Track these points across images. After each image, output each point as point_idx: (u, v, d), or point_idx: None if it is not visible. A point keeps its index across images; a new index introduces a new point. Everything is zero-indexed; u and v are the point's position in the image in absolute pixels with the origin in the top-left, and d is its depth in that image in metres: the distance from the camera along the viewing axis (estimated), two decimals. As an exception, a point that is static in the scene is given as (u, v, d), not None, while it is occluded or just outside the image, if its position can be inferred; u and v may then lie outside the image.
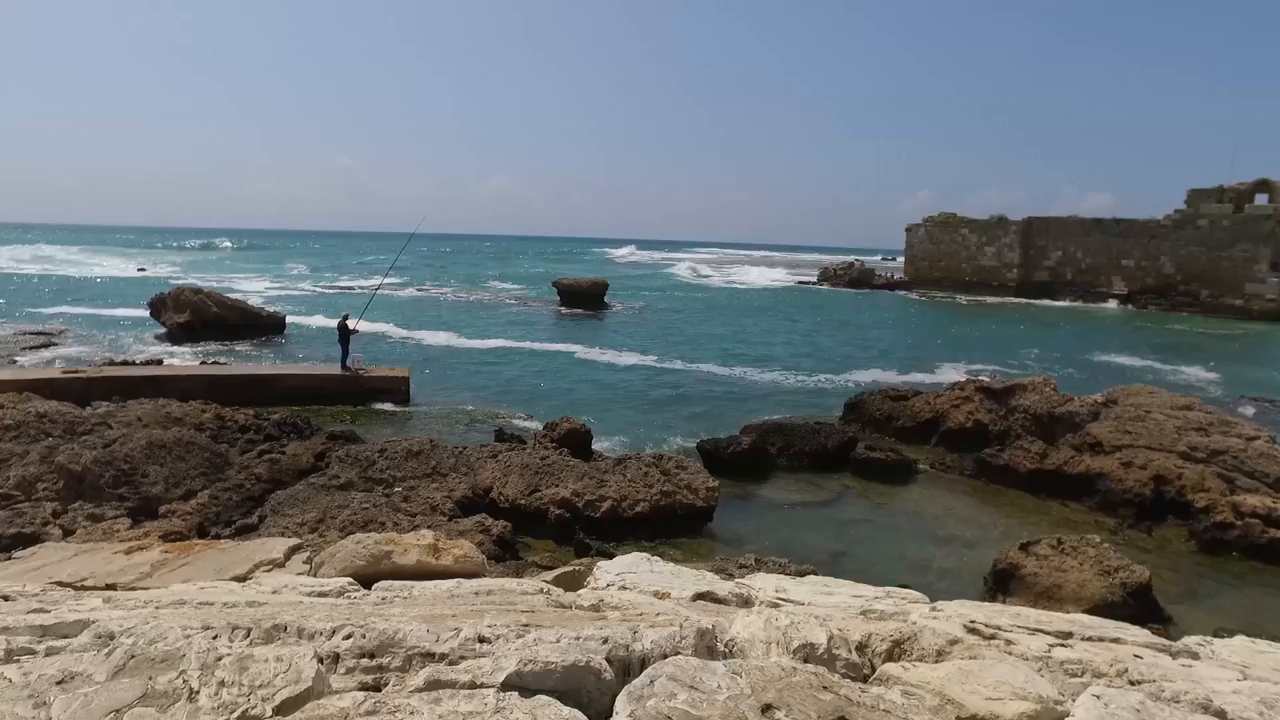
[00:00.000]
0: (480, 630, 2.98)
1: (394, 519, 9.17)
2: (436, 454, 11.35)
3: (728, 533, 11.01)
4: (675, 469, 11.30)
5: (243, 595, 4.99)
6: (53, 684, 2.20)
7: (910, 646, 3.41)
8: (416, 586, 5.28)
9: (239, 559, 7.64)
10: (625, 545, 9.88)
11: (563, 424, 13.24)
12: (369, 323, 24.55)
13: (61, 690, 2.18)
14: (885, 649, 3.42)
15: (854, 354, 28.73)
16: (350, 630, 2.90)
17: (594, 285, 43.39)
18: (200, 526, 9.64)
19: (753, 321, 39.79)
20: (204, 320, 26.86)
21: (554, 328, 34.77)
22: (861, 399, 17.25)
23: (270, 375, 18.05)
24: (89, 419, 12.87)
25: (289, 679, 2.42)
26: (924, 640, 3.43)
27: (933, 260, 63.65)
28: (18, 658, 2.75)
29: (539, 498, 10.38)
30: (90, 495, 10.22)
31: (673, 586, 5.19)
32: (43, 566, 7.48)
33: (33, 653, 2.94)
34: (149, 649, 2.49)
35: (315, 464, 11.59)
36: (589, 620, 3.58)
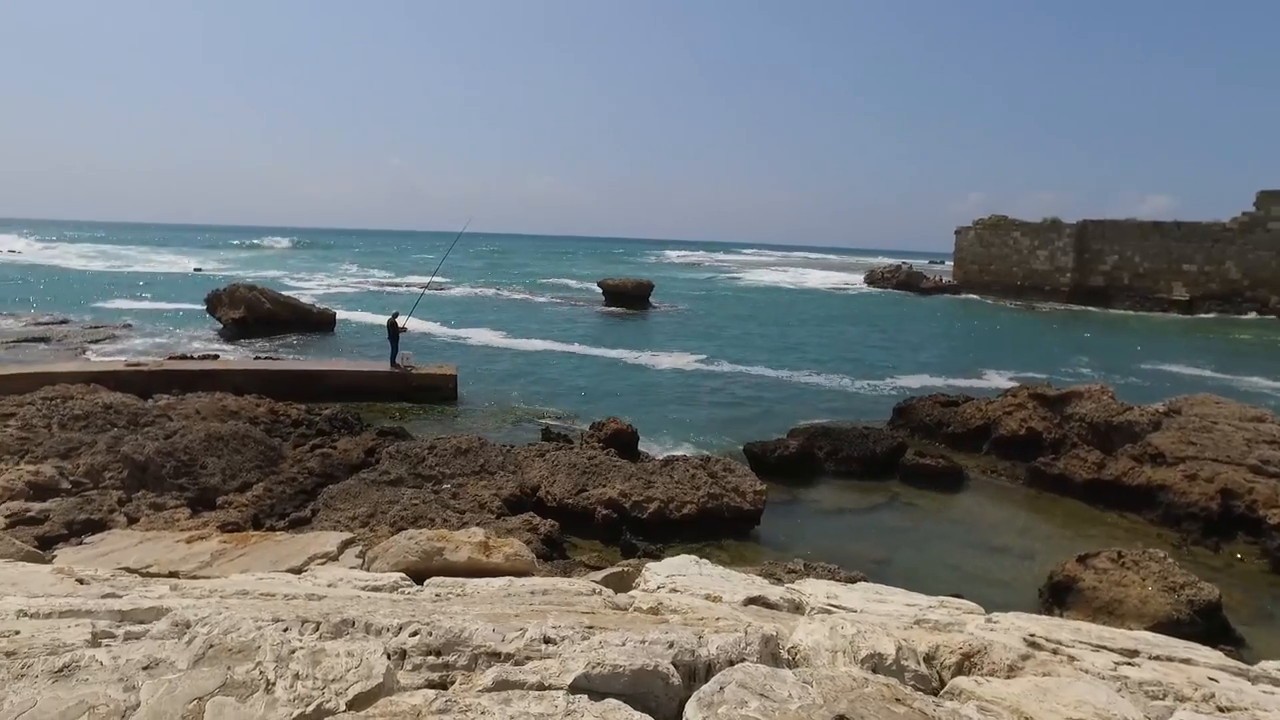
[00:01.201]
0: (545, 631, 2.98)
1: (443, 516, 9.25)
2: (485, 452, 11.44)
3: (775, 537, 10.91)
4: (723, 471, 11.23)
5: (300, 588, 5.07)
6: (139, 669, 2.25)
7: (981, 660, 3.32)
8: (469, 584, 5.32)
9: (294, 551, 7.78)
10: (672, 547, 9.85)
11: (609, 424, 13.25)
12: (418, 320, 24.88)
13: (148, 676, 2.22)
14: (954, 662, 3.33)
15: (901, 358, 28.31)
16: (416, 628, 2.91)
17: (639, 286, 43.43)
18: (255, 518, 9.83)
19: (798, 323, 39.45)
20: (257, 316, 27.50)
21: (599, 328, 34.84)
22: (910, 404, 16.97)
23: (321, 371, 18.38)
24: (151, 411, 13.25)
25: (360, 674, 2.43)
26: (995, 654, 3.34)
27: (983, 264, 62.44)
28: (102, 641, 2.82)
29: (586, 497, 10.39)
30: (152, 485, 10.51)
31: (723, 590, 5.15)
32: (111, 552, 7.70)
33: (113, 636, 3.01)
34: (225, 639, 2.52)
35: (366, 459, 11.77)
36: (651, 623, 3.56)
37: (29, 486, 9.74)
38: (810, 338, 33.55)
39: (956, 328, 41.47)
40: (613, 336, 31.29)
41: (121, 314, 33.22)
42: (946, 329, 40.62)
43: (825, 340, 32.95)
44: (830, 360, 27.00)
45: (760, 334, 34.11)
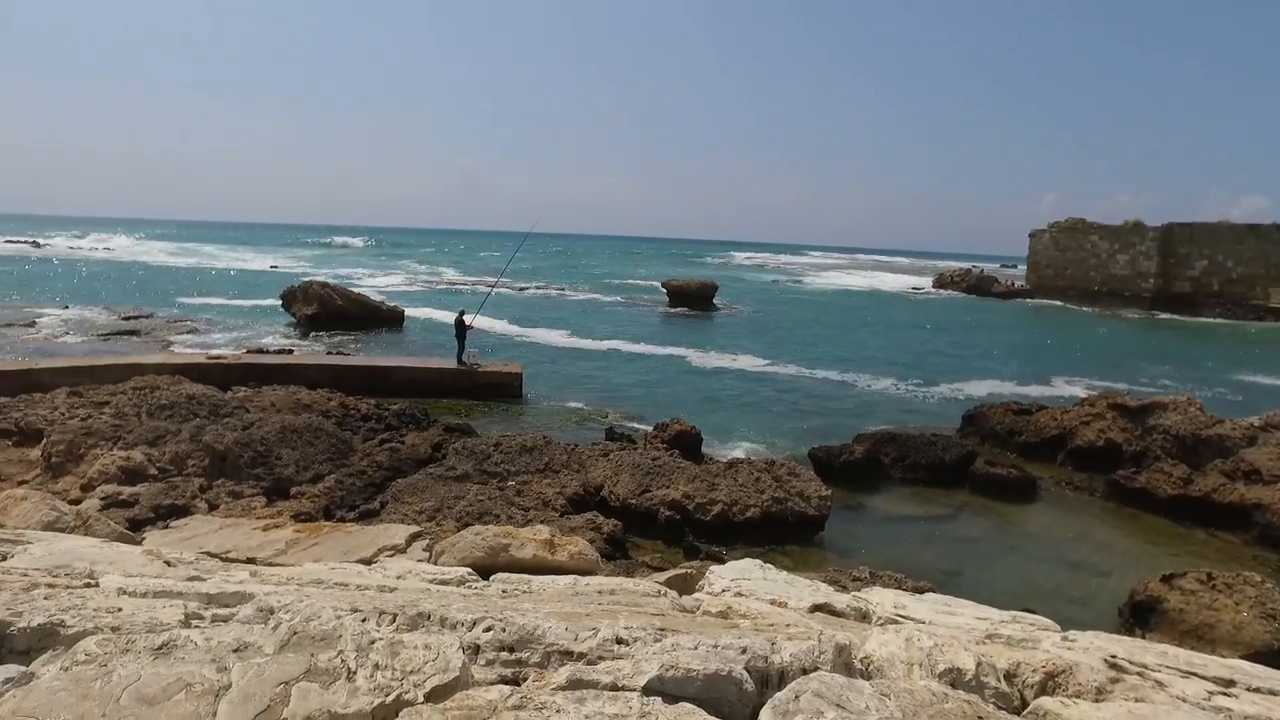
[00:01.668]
0: (618, 632, 2.97)
1: (508, 512, 9.36)
2: (549, 450, 11.54)
3: (839, 543, 10.73)
4: (787, 475, 11.09)
5: (371, 579, 5.18)
6: (230, 651, 2.32)
7: (1066, 681, 3.18)
8: (534, 580, 5.36)
9: (364, 542, 7.96)
10: (734, 550, 9.78)
11: (673, 425, 13.23)
12: (485, 318, 25.25)
13: (238, 658, 2.29)
14: (1037, 681, 3.21)
15: (970, 364, 27.57)
16: (490, 623, 2.94)
17: (703, 287, 43.28)
18: (327, 509, 10.10)
19: (865, 327, 38.80)
20: (330, 312, 28.32)
21: (663, 329, 34.86)
22: (981, 411, 16.50)
23: (390, 367, 18.79)
24: (230, 402, 13.76)
25: (438, 667, 2.46)
26: (1081, 675, 3.20)
27: (1058, 268, 60.40)
28: (193, 622, 2.92)
29: (649, 498, 10.39)
30: (231, 473, 10.90)
31: (788, 596, 5.08)
32: (193, 537, 8.01)
33: (201, 618, 3.12)
34: (307, 627, 2.58)
35: (433, 454, 11.99)
36: (721, 627, 3.52)
37: (121, 471, 10.22)
38: (876, 342, 32.95)
39: (1028, 334, 40.20)
40: (677, 337, 31.25)
41: (203, 308, 34.63)
42: (1017, 335, 39.41)
43: (892, 345, 32.32)
44: (897, 365, 26.46)
45: (825, 337, 33.64)
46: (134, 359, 18.25)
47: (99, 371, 16.18)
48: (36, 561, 4.79)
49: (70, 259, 65.58)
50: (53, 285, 42.05)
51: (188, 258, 74.02)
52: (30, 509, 7.33)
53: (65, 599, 2.88)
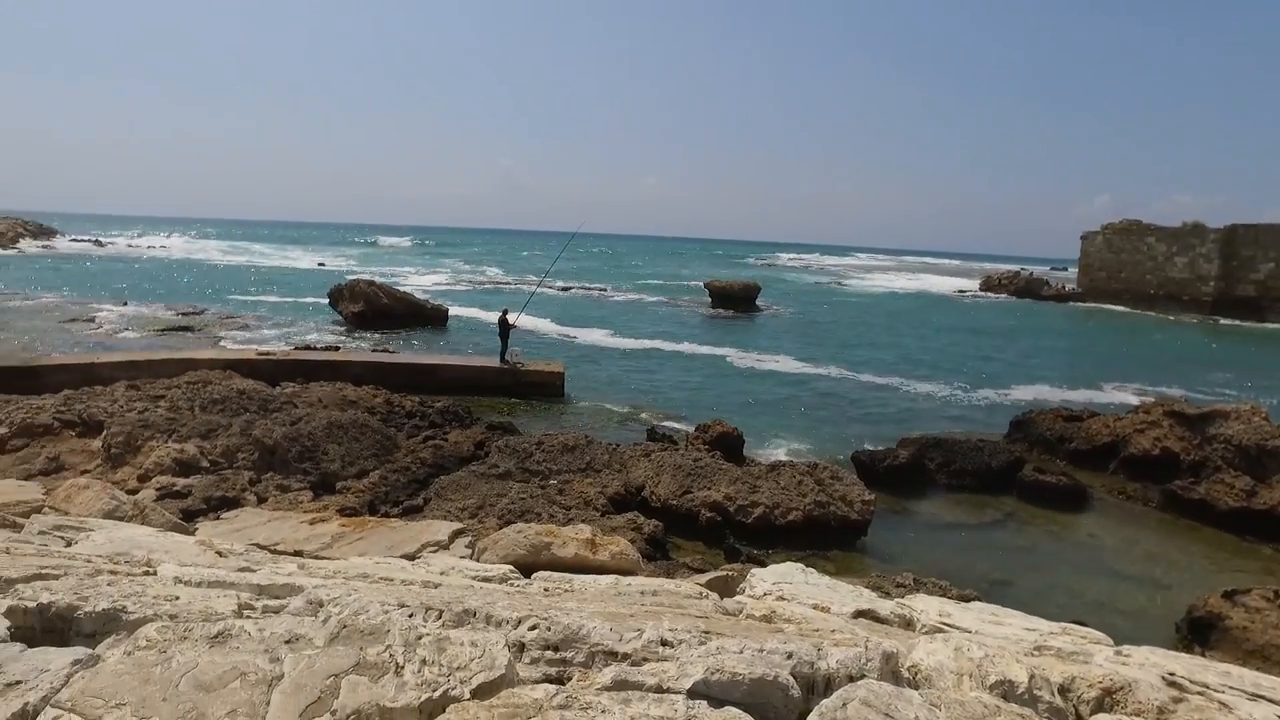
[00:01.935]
0: (662, 633, 2.96)
1: (549, 511, 9.40)
2: (591, 450, 11.58)
3: (882, 549, 10.59)
4: (830, 479, 10.98)
5: (415, 574, 5.24)
6: (282, 642, 2.35)
7: (1124, 698, 3.09)
8: (576, 579, 5.37)
9: (407, 538, 8.07)
10: (775, 553, 9.72)
11: (715, 426, 13.18)
12: (529, 318, 25.43)
13: (290, 649, 2.33)
14: (1094, 697, 3.12)
15: (1017, 368, 26.98)
16: (535, 622, 2.94)
17: (745, 288, 43.07)
18: (371, 504, 10.25)
19: (909, 329, 38.21)
20: (375, 310, 28.77)
21: (706, 329, 34.76)
22: (1029, 417, 16.14)
23: (434, 365, 19.01)
24: (279, 398, 14.04)
25: (484, 664, 2.47)
26: (1141, 693, 3.10)
27: (1111, 271, 58.77)
28: (245, 612, 2.98)
29: (691, 499, 10.36)
30: (279, 467, 11.13)
31: (831, 601, 5.01)
32: (243, 528, 8.21)
33: (253, 608, 3.19)
34: (356, 620, 2.61)
35: (475, 452, 12.09)
36: (766, 631, 3.49)
37: (175, 463, 10.50)
38: (921, 344, 32.44)
39: (1078, 338, 39.23)
40: (719, 338, 31.13)
41: (253, 305, 35.46)
42: (1067, 339, 38.47)
43: (937, 347, 31.80)
44: (941, 368, 26.03)
45: (869, 340, 33.23)
46: (188, 354, 18.75)
47: (155, 366, 16.65)
48: (98, 548, 4.94)
49: (128, 257, 67.75)
50: (112, 282, 43.46)
51: (238, 256, 76.01)
52: (92, 498, 7.57)
53: (126, 586, 2.96)
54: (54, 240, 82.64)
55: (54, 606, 2.59)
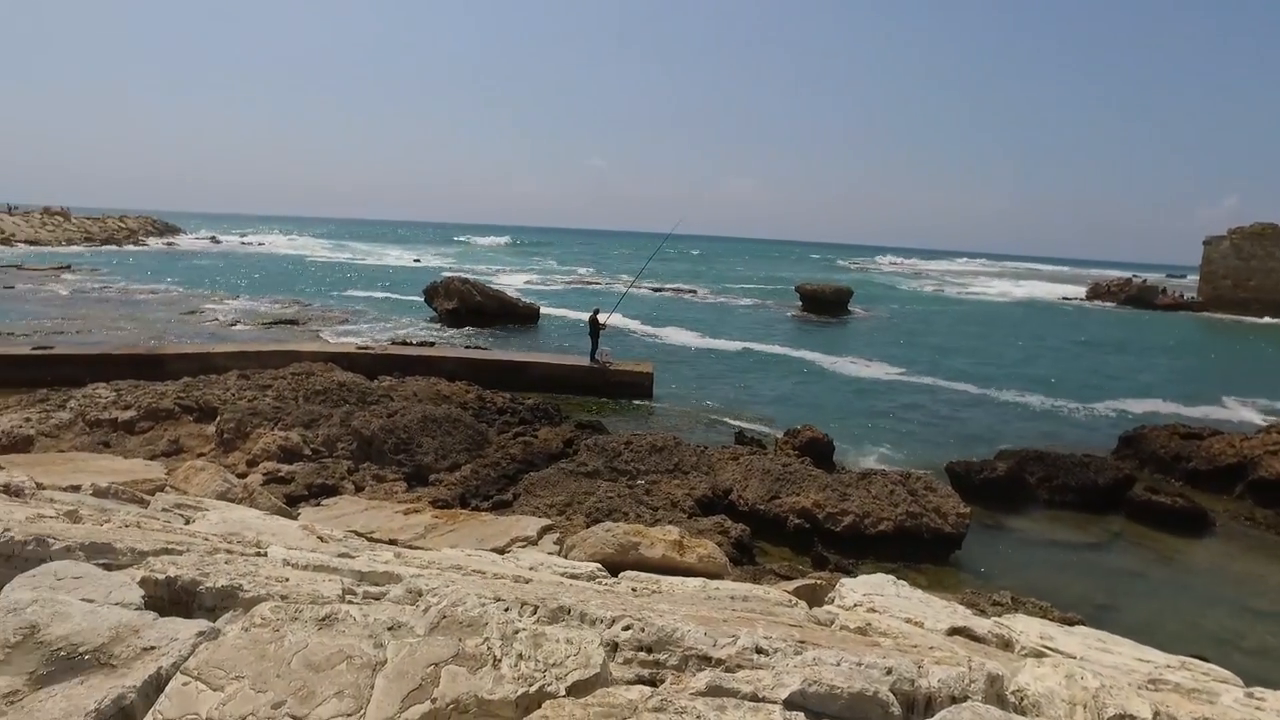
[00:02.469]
0: (757, 640, 2.90)
1: (636, 511, 9.42)
2: (679, 451, 11.55)
3: (977, 564, 10.18)
4: (923, 490, 10.64)
5: (505, 568, 5.32)
6: (385, 629, 2.41)
7: (1260, 741, 2.86)
8: (663, 581, 5.35)
9: (497, 532, 8.23)
10: (865, 564, 9.49)
11: (804, 432, 12.96)
12: (619, 318, 25.58)
13: (392, 636, 2.38)
14: (1225, 738, 2.89)
15: (1126, 381, 25.52)
16: (629, 622, 2.93)
17: (837, 292, 42.26)
18: (462, 497, 10.50)
19: (1009, 338, 36.66)
20: (469, 307, 29.51)
21: (796, 333, 34.27)
22: (1141, 433, 15.24)
23: (524, 362, 19.33)
24: (376, 391, 14.55)
25: (579, 662, 2.47)
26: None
27: (1239, 279, 54.86)
28: (348, 597, 3.08)
29: (779, 505, 10.21)
30: (376, 458, 11.53)
31: (924, 616, 4.84)
32: (342, 515, 8.54)
33: (354, 594, 3.29)
34: (454, 611, 2.65)
35: (564, 450, 12.24)
36: (862, 644, 3.39)
37: (280, 450, 11.01)
38: (1022, 354, 31.10)
39: (1195, 350, 36.81)
40: (809, 342, 30.61)
41: (352, 301, 36.95)
42: (1183, 350, 36.13)
43: (1038, 357, 30.42)
44: (1043, 380, 24.87)
45: (966, 347, 32.03)
46: (292, 347, 19.65)
47: (263, 357, 17.52)
48: (213, 527, 5.21)
49: (240, 254, 71.68)
50: (226, 277, 46.10)
51: (339, 253, 79.46)
52: (207, 479, 8.01)
53: (241, 565, 3.10)
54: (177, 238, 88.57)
55: (179, 580, 2.73)
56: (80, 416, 12.26)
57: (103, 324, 25.67)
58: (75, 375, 15.14)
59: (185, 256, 63.21)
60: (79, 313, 27.94)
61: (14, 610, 2.25)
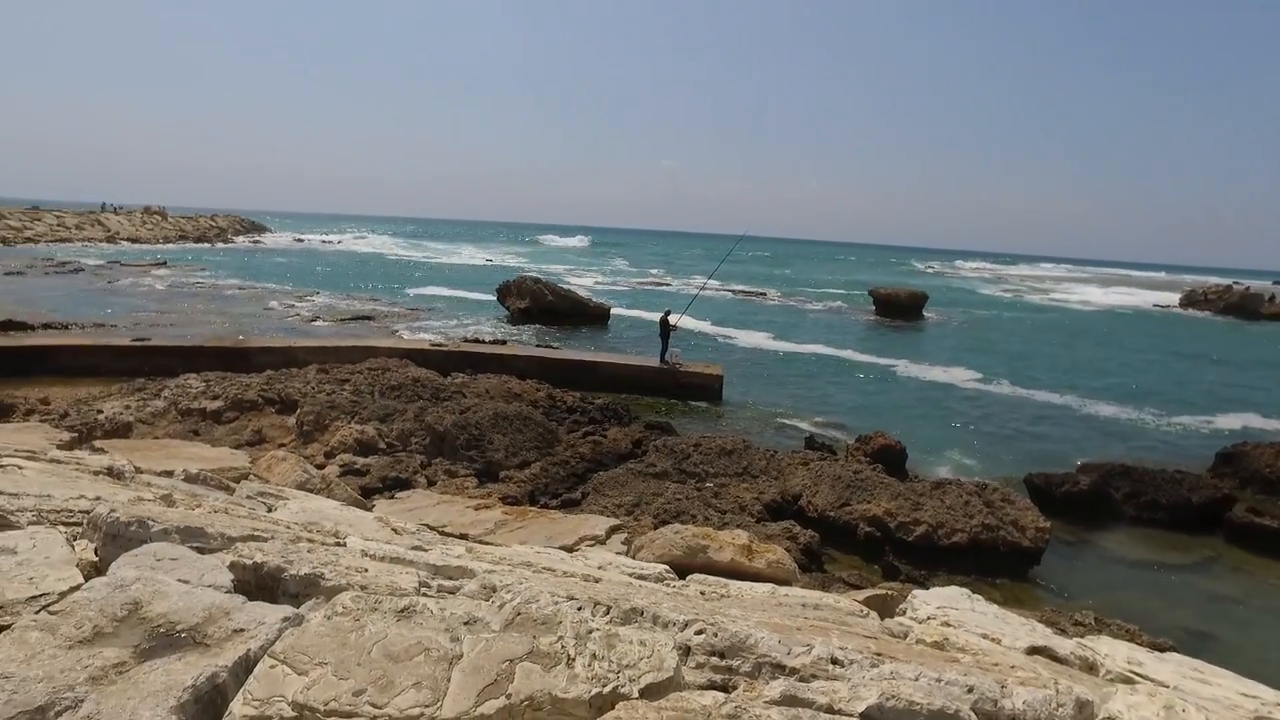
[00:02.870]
0: (832, 651, 2.84)
1: (704, 514, 9.37)
2: (748, 455, 11.46)
3: (1057, 581, 9.79)
4: (1000, 502, 10.29)
5: (574, 566, 5.34)
6: (461, 623, 2.44)
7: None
8: (731, 585, 5.30)
9: (566, 530, 8.29)
10: (937, 576, 9.23)
11: (876, 438, 12.69)
12: (690, 319, 25.51)
13: (468, 631, 2.41)
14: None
15: (1223, 394, 24.16)
16: (702, 626, 2.91)
17: (912, 296, 41.28)
18: (532, 494, 10.62)
19: (1094, 346, 35.15)
20: (541, 306, 29.89)
21: (869, 337, 33.59)
22: (1242, 450, 14.39)
23: (595, 362, 19.45)
24: (449, 387, 14.86)
25: (653, 665, 2.46)
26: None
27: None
28: (423, 590, 3.13)
29: (849, 512, 10.02)
30: (448, 453, 11.76)
31: (1001, 632, 4.67)
32: (415, 509, 8.73)
33: (429, 586, 3.35)
34: (529, 609, 2.67)
35: (633, 450, 12.27)
36: (940, 659, 3.28)
37: (356, 443, 11.33)
38: (1106, 363, 29.78)
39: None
40: (883, 347, 29.94)
41: (426, 299, 37.83)
42: (1287, 363, 34.06)
43: (1125, 367, 29.08)
44: (1130, 390, 23.78)
45: (1048, 355, 30.85)
46: (369, 342, 20.21)
47: (341, 352, 18.08)
48: (294, 516, 5.38)
49: (321, 252, 74.22)
50: (307, 274, 47.82)
51: (415, 252, 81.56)
52: (288, 469, 8.29)
53: (323, 554, 3.19)
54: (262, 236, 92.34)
55: (265, 566, 2.82)
56: (173, 405, 12.86)
57: (194, 317, 26.90)
58: (170, 366, 15.92)
59: (270, 254, 65.80)
60: (173, 306, 29.35)
61: (121, 587, 2.35)
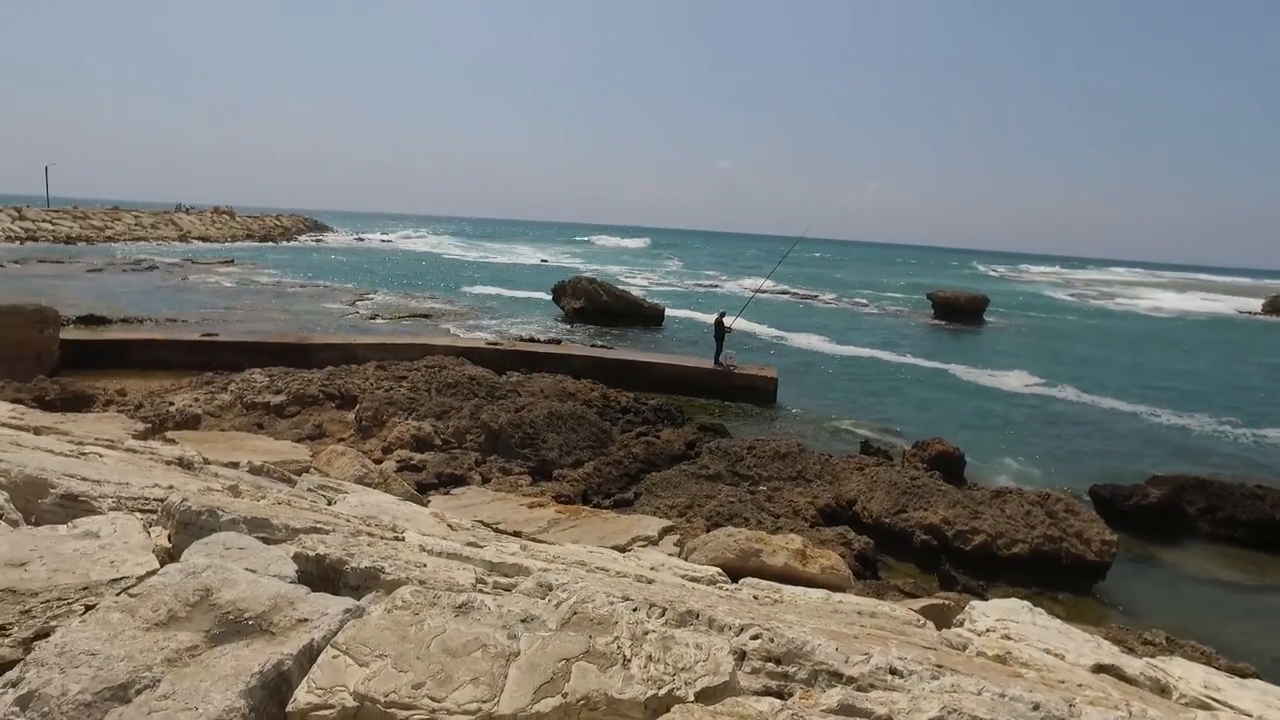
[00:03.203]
0: (891, 660, 2.78)
1: (757, 517, 9.30)
2: (803, 458, 11.33)
3: (1123, 598, 9.45)
4: (1064, 512, 9.98)
5: (627, 566, 5.34)
6: (518, 620, 2.46)
7: None
8: (785, 590, 5.24)
9: (619, 530, 8.30)
10: (995, 587, 9.00)
11: (934, 444, 12.43)
12: (744, 321, 25.33)
13: (525, 628, 2.42)
14: None
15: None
16: (758, 631, 2.87)
17: (973, 300, 40.33)
18: (584, 494, 10.67)
19: (1167, 354, 33.79)
20: (595, 307, 30.03)
21: (927, 341, 32.90)
22: (1327, 466, 13.73)
23: (649, 363, 19.44)
24: (504, 385, 15.03)
25: (709, 668, 2.44)
26: None
27: None
28: (480, 587, 3.16)
29: (905, 519, 9.83)
30: (503, 451, 11.89)
31: (1065, 648, 4.51)
32: (469, 505, 8.83)
33: (485, 583, 3.38)
34: (585, 608, 2.67)
35: (686, 451, 12.24)
36: (1003, 674, 3.19)
37: (413, 439, 11.53)
38: (1179, 372, 28.62)
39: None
40: (942, 351, 29.33)
41: (483, 297, 38.37)
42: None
43: (1200, 375, 27.91)
44: (1204, 399, 22.82)
45: (1117, 362, 29.79)
46: (426, 340, 20.56)
47: (399, 349, 18.42)
48: (353, 510, 5.50)
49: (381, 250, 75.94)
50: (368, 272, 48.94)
51: (471, 251, 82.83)
52: (347, 464, 8.48)
53: (382, 548, 3.24)
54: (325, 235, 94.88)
55: (328, 558, 2.88)
56: (239, 399, 13.28)
57: (259, 314, 27.75)
58: (236, 360, 16.45)
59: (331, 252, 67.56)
60: (240, 303, 30.33)
61: (193, 574, 2.43)
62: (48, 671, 1.97)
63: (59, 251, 48.23)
